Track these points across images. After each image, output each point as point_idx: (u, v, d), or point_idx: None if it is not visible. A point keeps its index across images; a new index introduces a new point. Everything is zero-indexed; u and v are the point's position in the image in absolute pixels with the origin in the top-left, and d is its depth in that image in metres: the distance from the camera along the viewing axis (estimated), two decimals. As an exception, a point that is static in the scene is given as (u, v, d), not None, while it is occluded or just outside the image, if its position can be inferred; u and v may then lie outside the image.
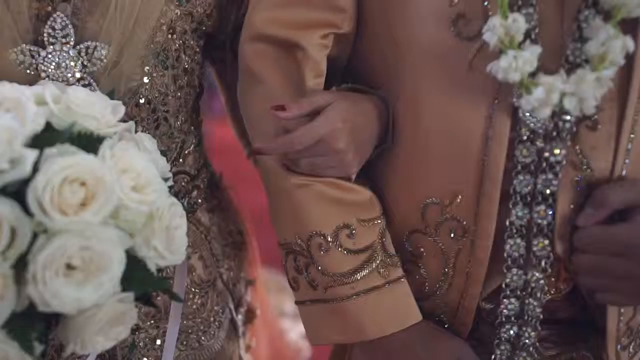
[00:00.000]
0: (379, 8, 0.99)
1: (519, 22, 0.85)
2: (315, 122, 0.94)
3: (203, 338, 1.16)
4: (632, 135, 0.91)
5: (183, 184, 1.13)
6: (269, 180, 1.05)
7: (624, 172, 0.92)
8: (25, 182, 0.72)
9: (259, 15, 1.02)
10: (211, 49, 1.18)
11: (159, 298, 1.04)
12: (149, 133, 0.98)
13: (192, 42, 1.10)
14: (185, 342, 1.14)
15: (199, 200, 1.18)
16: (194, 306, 1.14)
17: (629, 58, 0.87)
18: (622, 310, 0.97)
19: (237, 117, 1.20)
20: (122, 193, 0.75)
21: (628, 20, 0.86)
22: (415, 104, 0.97)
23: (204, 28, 1.11)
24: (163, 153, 0.91)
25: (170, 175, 0.91)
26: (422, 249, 1.00)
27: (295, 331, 2.15)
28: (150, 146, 0.89)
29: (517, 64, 0.85)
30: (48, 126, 0.78)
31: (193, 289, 1.14)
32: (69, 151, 0.74)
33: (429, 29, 0.94)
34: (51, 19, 0.96)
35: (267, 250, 1.33)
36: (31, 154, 0.72)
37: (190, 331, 1.14)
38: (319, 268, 0.99)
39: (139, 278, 0.80)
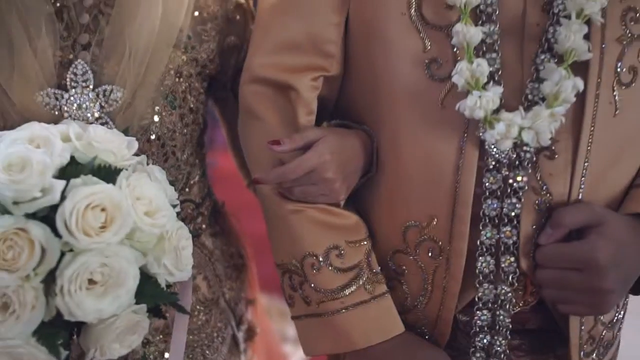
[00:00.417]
0: (363, 53, 1.09)
1: (482, 67, 0.96)
2: (307, 155, 1.04)
3: (207, 352, 1.25)
4: (586, 164, 1.01)
5: (189, 211, 1.22)
6: (266, 207, 1.15)
7: (580, 196, 1.02)
8: (53, 208, 0.83)
9: (257, 60, 1.13)
10: (214, 89, 1.28)
11: (167, 314, 1.14)
12: (158, 165, 1.06)
13: (196, 85, 1.19)
14: (190, 356, 1.22)
15: (203, 226, 1.27)
16: (199, 322, 1.23)
17: (581, 95, 0.98)
18: (583, 320, 1.07)
19: (237, 149, 1.29)
20: (136, 217, 0.86)
21: (579, 63, 0.97)
22: (395, 138, 1.07)
23: (207, 72, 1.21)
24: (171, 183, 1.01)
25: (178, 202, 1.01)
26: (404, 267, 1.10)
27: (297, 356, 2.19)
28: (160, 177, 0.99)
29: (481, 102, 0.96)
30: (72, 160, 0.89)
31: (198, 307, 1.23)
32: (91, 181, 0.85)
33: (406, 72, 1.04)
34: (73, 65, 1.07)
35: (269, 277, 1.37)
36: (59, 184, 0.83)
37: (195, 345, 1.23)
38: (312, 285, 1.08)
39: (150, 292, 0.90)
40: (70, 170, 0.87)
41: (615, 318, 1.14)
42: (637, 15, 1.01)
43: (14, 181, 0.80)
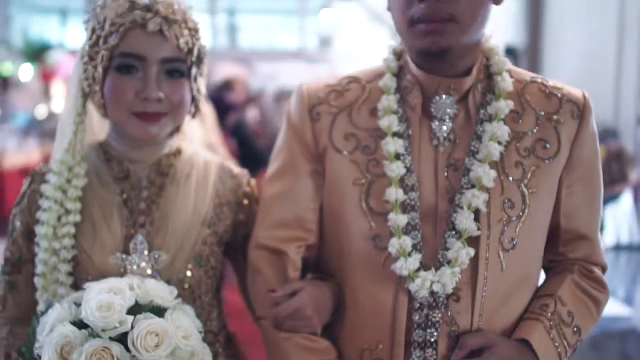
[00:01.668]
0: (332, 230, 1.52)
1: (407, 242, 1.39)
2: (293, 300, 1.46)
3: None
4: (482, 305, 1.40)
5: (210, 339, 1.56)
6: (266, 335, 1.54)
7: (480, 326, 1.41)
8: (125, 334, 1.27)
9: (260, 234, 1.56)
10: (229, 251, 1.69)
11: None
12: (190, 305, 1.47)
13: (216, 249, 1.61)
14: None
15: (220, 350, 1.63)
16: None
17: (476, 259, 1.39)
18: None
19: (246, 295, 1.68)
20: (177, 340, 1.29)
21: (474, 237, 1.39)
22: (354, 288, 1.48)
23: (224, 240, 1.63)
24: (198, 317, 1.44)
25: (203, 331, 1.42)
26: None
27: None
28: (191, 313, 1.42)
29: (406, 265, 1.38)
30: (136, 303, 1.32)
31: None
32: (149, 317, 1.30)
33: (359, 244, 1.45)
34: (134, 238, 1.50)
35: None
36: (130, 319, 1.27)
37: None
38: None
39: (185, 390, 1.33)
40: (136, 309, 1.31)
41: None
42: (513, 203, 1.42)
43: (103, 317, 1.25)
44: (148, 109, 1.49)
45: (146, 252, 1.51)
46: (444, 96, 1.47)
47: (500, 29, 12.56)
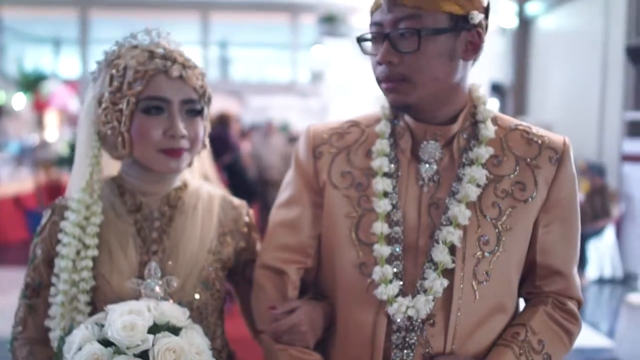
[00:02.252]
0: (327, 257, 1.69)
1: (388, 271, 1.55)
2: (291, 316, 1.62)
3: None
4: (455, 330, 1.52)
5: (214, 355, 1.62)
6: (264, 347, 1.67)
7: (453, 349, 1.53)
8: (145, 351, 1.44)
9: (266, 255, 1.73)
10: (230, 275, 1.84)
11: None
12: (198, 325, 1.61)
13: (220, 274, 1.76)
14: None
15: None
16: None
17: (451, 288, 1.54)
18: None
19: (248, 315, 1.84)
20: (192, 356, 1.47)
21: (448, 270, 1.52)
22: (342, 308, 1.64)
23: (227, 265, 1.79)
24: (205, 335, 1.61)
25: (210, 348, 1.59)
26: None
27: None
28: (199, 332, 1.59)
29: (386, 290, 1.54)
30: (154, 323, 1.50)
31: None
32: (166, 335, 1.47)
33: (347, 269, 1.61)
34: (148, 264, 1.66)
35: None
36: (150, 337, 1.45)
37: None
38: None
39: (197, 398, 1.50)
40: (154, 329, 1.48)
41: None
42: (487, 239, 1.55)
43: (128, 336, 1.42)
44: (174, 145, 1.68)
45: (159, 277, 1.66)
46: (431, 141, 1.65)
47: (488, 66, 12.90)
